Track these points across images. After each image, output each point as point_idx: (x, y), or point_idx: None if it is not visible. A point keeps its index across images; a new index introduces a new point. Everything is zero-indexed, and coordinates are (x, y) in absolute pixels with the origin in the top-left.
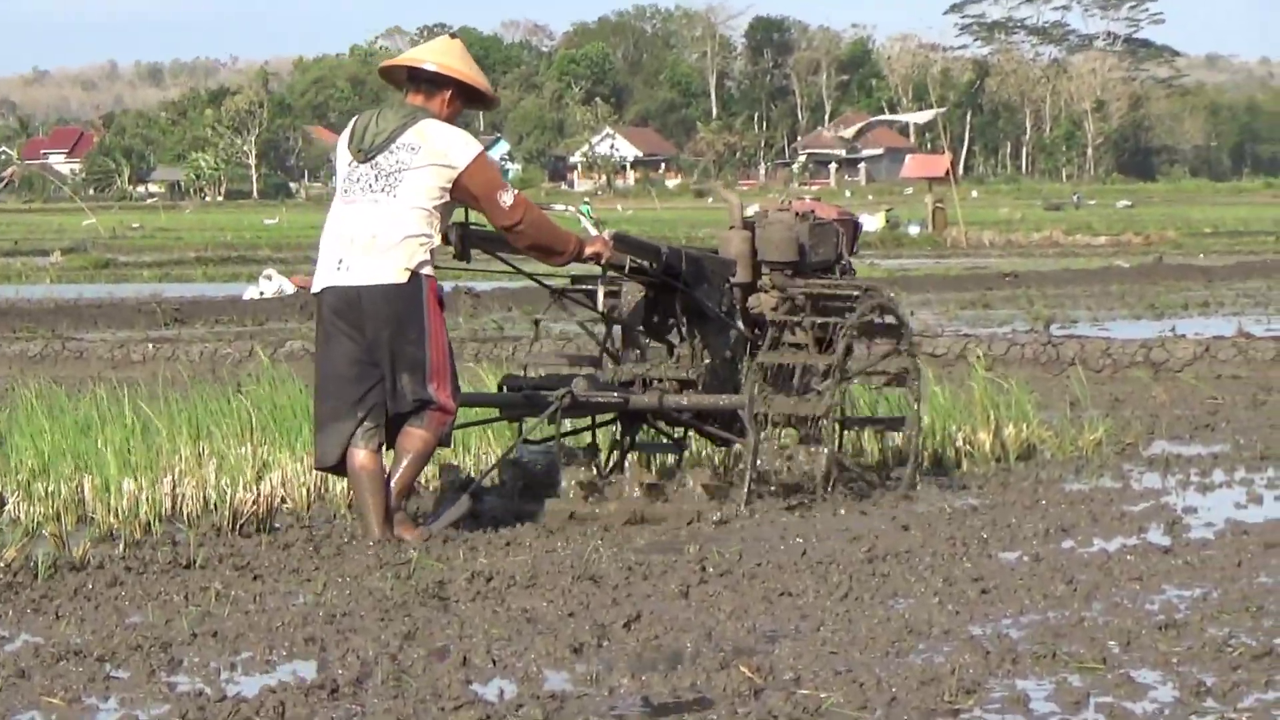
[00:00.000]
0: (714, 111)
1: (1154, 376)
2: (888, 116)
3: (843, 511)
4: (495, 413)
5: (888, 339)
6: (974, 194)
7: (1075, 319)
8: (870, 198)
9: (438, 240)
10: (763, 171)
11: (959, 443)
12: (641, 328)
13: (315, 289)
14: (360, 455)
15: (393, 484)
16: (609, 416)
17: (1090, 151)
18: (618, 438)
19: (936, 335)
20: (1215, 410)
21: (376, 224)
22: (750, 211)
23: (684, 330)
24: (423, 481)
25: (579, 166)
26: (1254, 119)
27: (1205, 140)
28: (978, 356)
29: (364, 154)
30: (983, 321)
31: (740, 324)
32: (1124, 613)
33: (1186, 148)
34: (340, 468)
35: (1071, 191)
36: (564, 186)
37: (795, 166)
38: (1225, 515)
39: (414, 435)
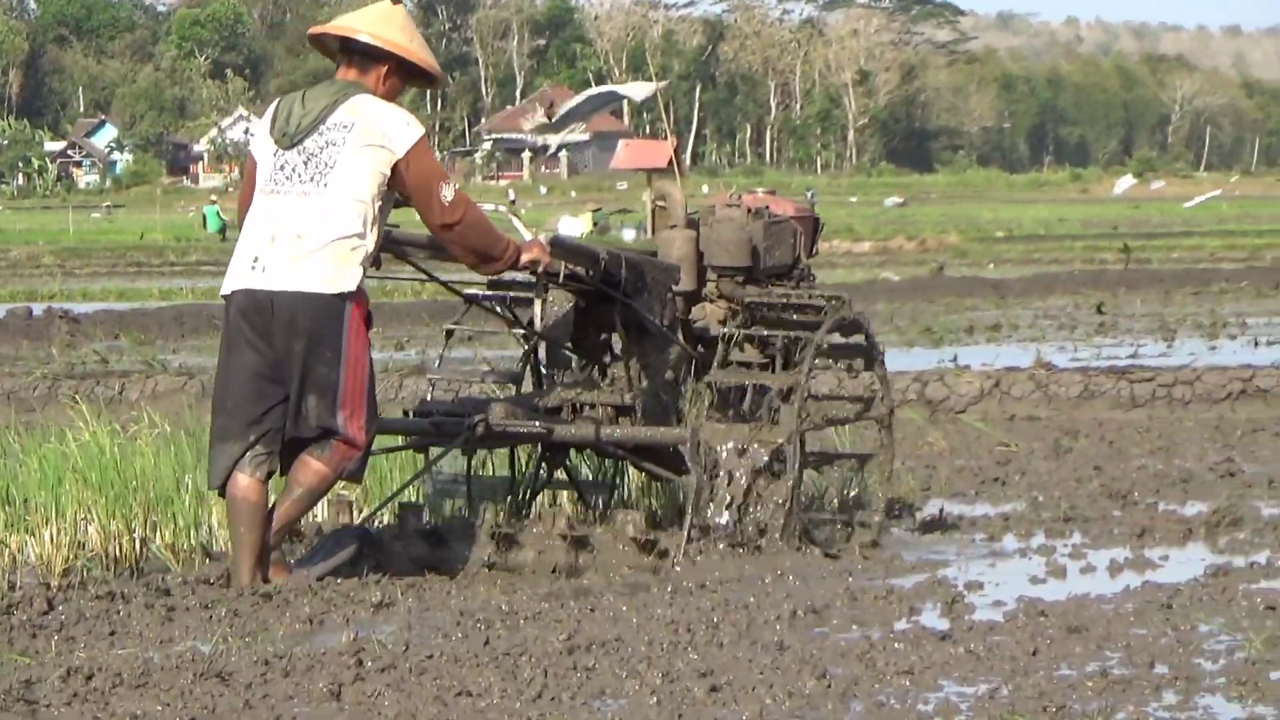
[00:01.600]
0: None
1: (930, 418)
2: (608, 88)
3: (526, 586)
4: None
5: (851, 359)
6: (705, 189)
7: None
8: (573, 194)
9: (372, 245)
10: (437, 159)
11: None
12: (569, 344)
13: (225, 290)
14: (243, 482)
15: (274, 517)
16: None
17: (852, 135)
18: (537, 471)
19: None
20: (1007, 460)
21: (303, 220)
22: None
23: (621, 347)
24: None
25: (205, 157)
26: (1056, 95)
27: (997, 121)
28: None
29: (289, 139)
30: None
31: (682, 340)
32: (890, 715)
33: (973, 130)
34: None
35: (806, 187)
36: (187, 181)
37: (479, 156)
38: (1018, 592)
39: (310, 467)
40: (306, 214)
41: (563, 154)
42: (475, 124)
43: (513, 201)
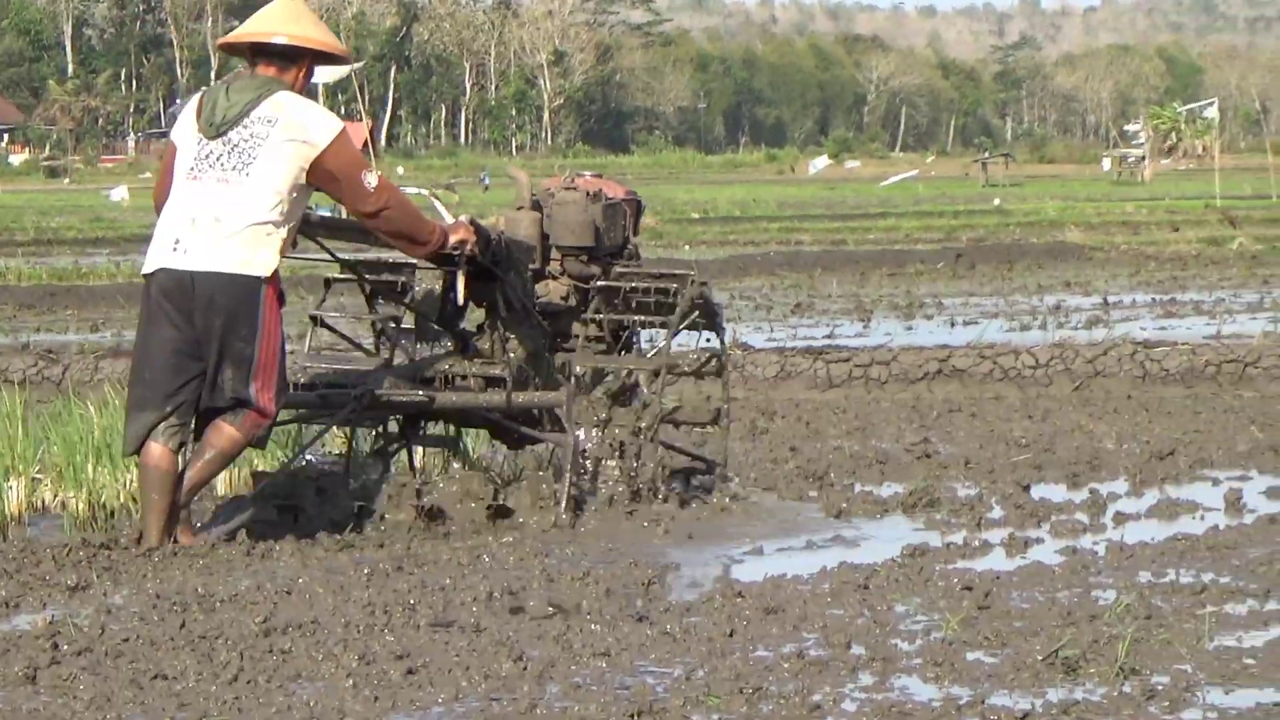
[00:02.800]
0: (70, 68)
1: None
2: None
3: (223, 569)
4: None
5: (697, 327)
6: (400, 170)
7: None
8: None
9: (286, 231)
10: (132, 143)
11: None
12: (435, 320)
13: (147, 269)
14: (155, 451)
15: (186, 478)
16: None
17: (547, 116)
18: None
19: None
20: (702, 441)
21: (222, 206)
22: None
23: (488, 322)
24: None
25: None
26: (753, 76)
27: (692, 102)
28: None
29: (215, 129)
30: None
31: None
32: (587, 696)
33: (669, 110)
34: None
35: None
36: None
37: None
38: (714, 574)
39: (224, 432)
40: (226, 200)
41: None
42: (170, 105)
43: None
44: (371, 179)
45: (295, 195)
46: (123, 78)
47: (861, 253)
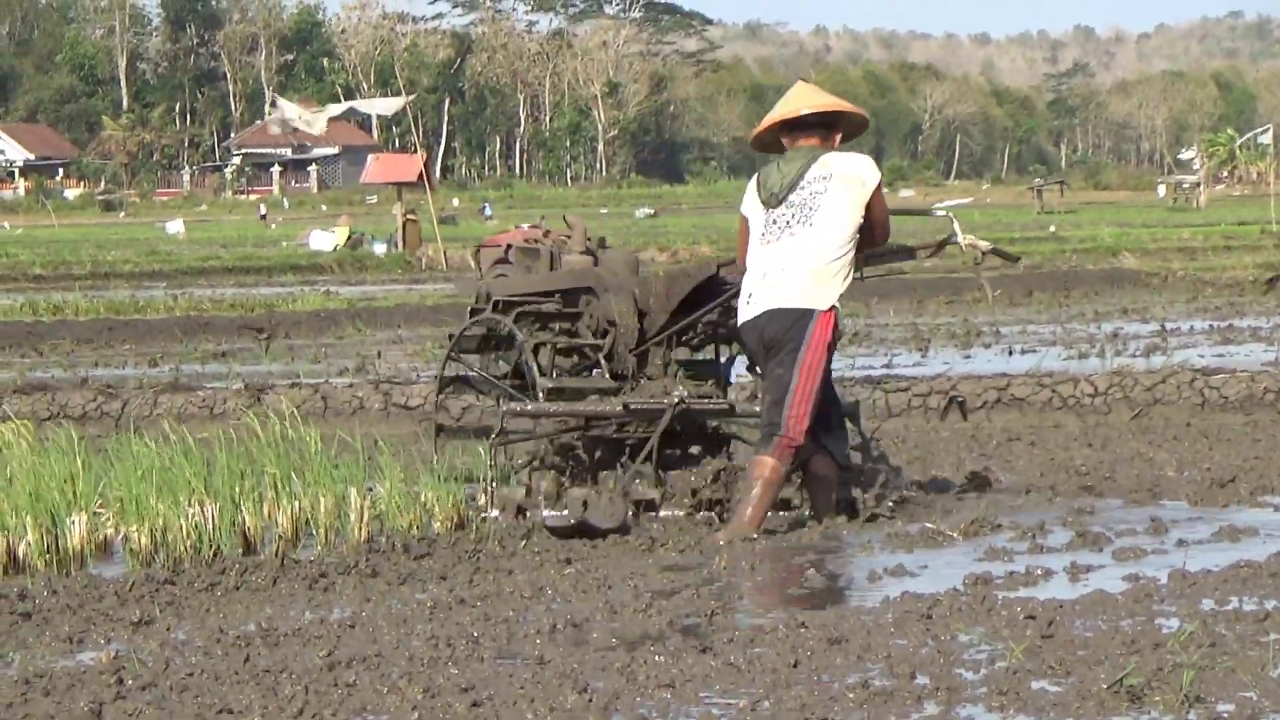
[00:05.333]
0: (125, 102)
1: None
2: (357, 103)
3: (284, 603)
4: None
5: None
6: (455, 202)
7: None
8: (324, 208)
9: (849, 268)
10: (187, 176)
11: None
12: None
13: (739, 321)
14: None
15: (745, 517)
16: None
17: (601, 147)
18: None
19: (410, 382)
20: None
21: (789, 257)
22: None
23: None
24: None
25: None
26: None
27: (746, 131)
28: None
29: (775, 198)
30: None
31: None
32: None
33: (723, 141)
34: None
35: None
36: None
37: (228, 171)
38: (779, 603)
39: (762, 463)
40: (793, 251)
41: (312, 168)
42: (224, 139)
43: (262, 216)
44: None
45: (857, 234)
46: (177, 111)
47: (918, 280)
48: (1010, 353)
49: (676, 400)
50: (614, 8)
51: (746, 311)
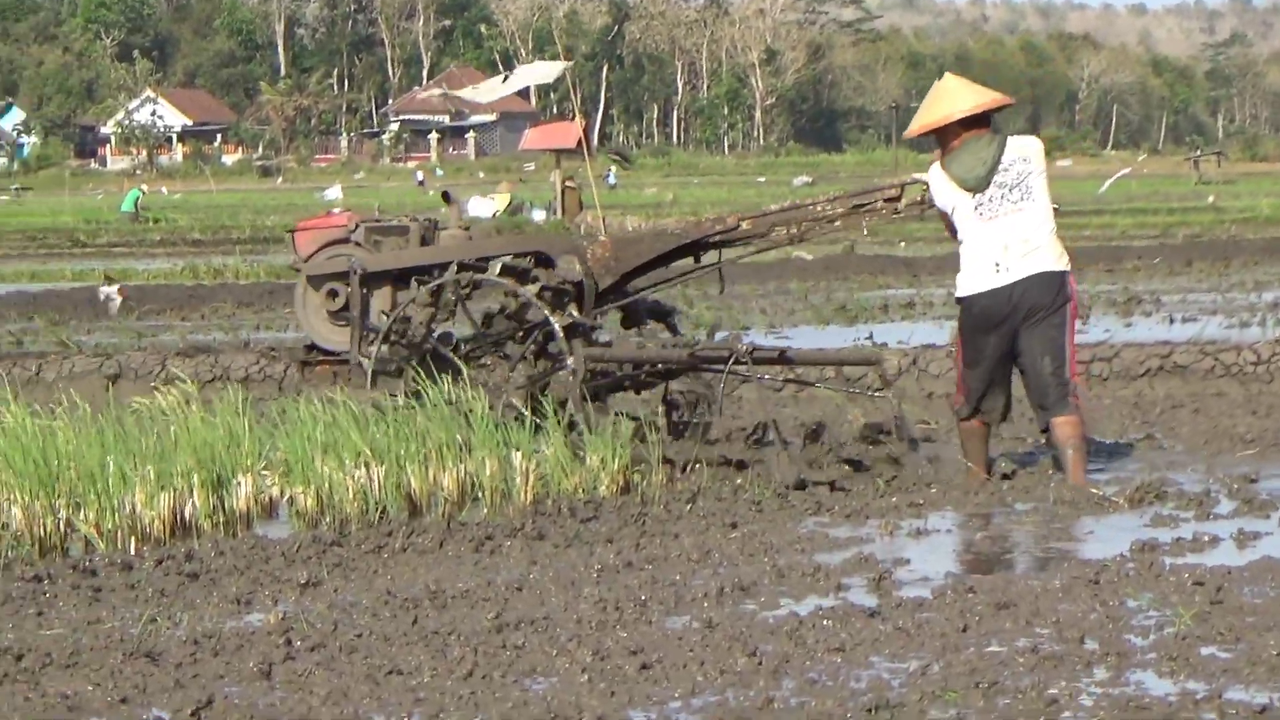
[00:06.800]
0: (282, 68)
1: (849, 396)
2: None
3: (452, 565)
4: None
5: None
6: (612, 169)
7: (748, 325)
8: (481, 175)
9: None
10: (345, 143)
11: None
12: None
13: (965, 292)
14: (975, 421)
15: (1074, 476)
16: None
17: (759, 115)
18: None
19: None
20: (925, 438)
21: (1025, 228)
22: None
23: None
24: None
25: (113, 139)
26: (964, 73)
27: (904, 99)
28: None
29: (982, 182)
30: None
31: None
32: (822, 692)
33: (880, 109)
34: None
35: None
36: (94, 164)
37: (386, 137)
38: (945, 568)
39: (1065, 425)
40: (1026, 223)
41: (470, 135)
42: (382, 105)
43: (420, 183)
44: None
45: None
46: (334, 77)
47: (1078, 249)
48: (1171, 321)
49: (745, 348)
50: None
51: (995, 279)
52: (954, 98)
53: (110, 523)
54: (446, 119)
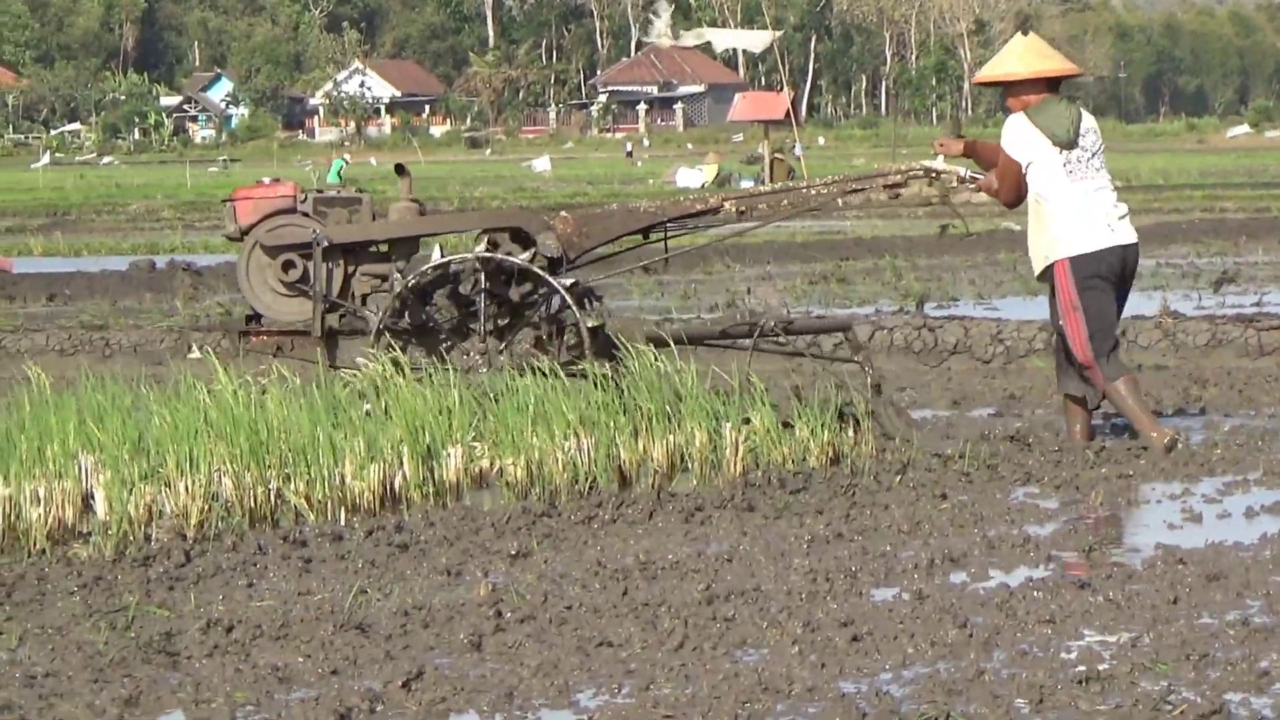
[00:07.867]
0: (491, 39)
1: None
2: (724, 33)
3: (661, 537)
4: None
5: None
6: (821, 140)
7: (956, 296)
8: (689, 146)
9: None
10: (553, 115)
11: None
12: None
13: (1076, 251)
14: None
15: (1146, 423)
16: None
17: (967, 86)
18: None
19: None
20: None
21: (1111, 194)
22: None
23: None
24: None
25: (321, 110)
26: (1173, 44)
27: (1112, 71)
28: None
29: (1071, 141)
30: (839, 299)
31: None
32: (1033, 663)
33: (1088, 80)
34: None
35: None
36: (302, 135)
37: (595, 109)
38: (1156, 539)
39: (1132, 379)
40: (1109, 189)
41: (678, 106)
42: (590, 77)
43: (629, 154)
44: None
45: None
46: (543, 49)
47: None
48: None
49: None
50: None
51: (1111, 237)
52: (1045, 59)
53: (320, 493)
54: (655, 90)
